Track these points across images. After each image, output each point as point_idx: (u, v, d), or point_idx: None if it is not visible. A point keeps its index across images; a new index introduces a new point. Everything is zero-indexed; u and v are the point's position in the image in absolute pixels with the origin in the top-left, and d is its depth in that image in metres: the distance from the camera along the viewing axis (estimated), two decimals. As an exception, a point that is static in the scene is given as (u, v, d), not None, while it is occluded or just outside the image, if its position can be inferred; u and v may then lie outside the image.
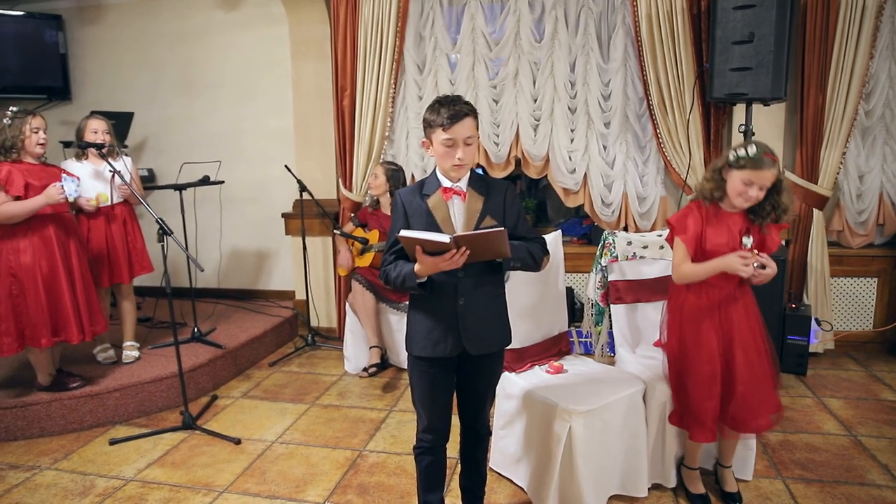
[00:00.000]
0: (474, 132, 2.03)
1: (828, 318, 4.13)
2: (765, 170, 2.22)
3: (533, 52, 4.32)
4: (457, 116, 1.97)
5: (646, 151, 4.31)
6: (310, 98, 4.74)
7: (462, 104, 2.00)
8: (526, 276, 2.61)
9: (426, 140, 2.07)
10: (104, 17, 5.34)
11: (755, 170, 2.23)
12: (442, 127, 1.98)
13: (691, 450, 2.59)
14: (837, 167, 3.99)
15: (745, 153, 2.25)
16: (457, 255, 1.88)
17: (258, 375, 4.17)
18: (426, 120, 2.04)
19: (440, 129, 1.99)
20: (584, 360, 2.92)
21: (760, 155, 2.23)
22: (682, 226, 2.37)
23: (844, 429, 3.19)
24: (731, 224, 2.35)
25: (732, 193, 2.30)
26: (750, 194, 2.26)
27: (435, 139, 2.02)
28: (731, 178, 2.29)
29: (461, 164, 2.01)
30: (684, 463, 2.64)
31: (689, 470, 2.62)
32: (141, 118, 5.16)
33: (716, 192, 2.35)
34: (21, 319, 3.16)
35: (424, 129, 2.06)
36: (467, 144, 2.01)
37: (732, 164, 2.28)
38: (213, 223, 5.10)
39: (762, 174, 2.23)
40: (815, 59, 3.88)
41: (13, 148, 3.14)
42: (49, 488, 2.84)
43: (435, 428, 2.19)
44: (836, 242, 4.28)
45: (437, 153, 2.04)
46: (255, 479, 2.88)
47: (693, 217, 2.37)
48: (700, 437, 2.45)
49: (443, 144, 2.00)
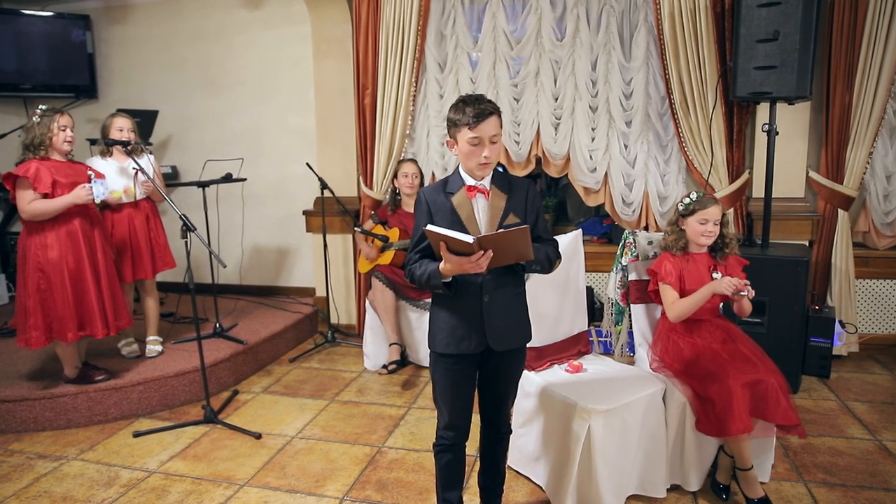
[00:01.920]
0: (499, 130, 2.03)
1: (852, 320, 4.07)
2: (710, 207, 2.64)
3: (554, 51, 4.31)
4: (482, 115, 1.97)
5: (667, 150, 4.28)
6: (331, 96, 4.77)
7: (486, 103, 2.01)
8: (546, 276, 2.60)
9: (451, 139, 2.08)
10: (131, 16, 5.42)
11: (704, 209, 2.64)
12: (468, 126, 1.98)
13: (737, 450, 2.50)
14: (864, 167, 3.93)
15: (689, 200, 2.69)
16: (481, 258, 1.88)
17: (279, 371, 4.22)
18: (451, 119, 2.04)
19: (466, 128, 1.99)
20: (603, 360, 2.91)
21: (702, 196, 2.67)
22: (664, 271, 2.70)
23: (869, 433, 3.15)
24: (701, 264, 2.71)
25: (695, 236, 2.68)
26: (709, 230, 2.65)
27: (460, 138, 2.03)
28: (688, 225, 2.69)
29: (487, 162, 2.02)
30: (736, 466, 2.54)
31: (743, 472, 2.52)
32: (165, 116, 5.24)
33: (680, 242, 2.72)
34: (48, 314, 3.22)
35: (449, 129, 2.07)
36: (493, 143, 2.01)
37: (684, 213, 2.70)
38: (236, 220, 5.16)
39: (710, 211, 2.63)
40: (842, 56, 3.82)
41: (41, 145, 3.20)
42: (76, 478, 2.91)
43: (456, 425, 2.19)
44: (862, 244, 4.22)
45: (462, 152, 2.05)
46: (275, 473, 2.92)
47: (670, 261, 2.72)
48: (736, 428, 2.37)
49: (468, 143, 2.00)
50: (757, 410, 2.42)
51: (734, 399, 2.38)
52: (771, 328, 3.52)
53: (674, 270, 2.68)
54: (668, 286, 2.68)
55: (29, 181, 3.11)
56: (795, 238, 4.03)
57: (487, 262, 1.90)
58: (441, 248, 1.92)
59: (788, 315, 3.52)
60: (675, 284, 2.67)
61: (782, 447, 2.96)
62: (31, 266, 3.19)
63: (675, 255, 2.72)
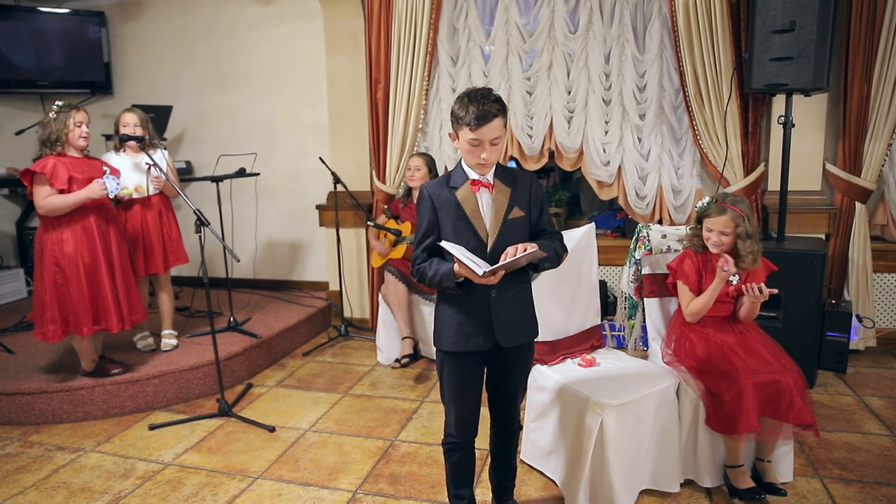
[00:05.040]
0: (502, 132, 2.00)
1: (870, 314, 4.02)
2: (716, 216, 2.58)
3: (567, 44, 4.28)
4: (485, 118, 1.93)
5: (681, 143, 4.24)
6: (344, 91, 4.78)
7: (492, 103, 1.95)
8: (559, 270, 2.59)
9: (453, 133, 2.06)
10: (145, 12, 5.45)
11: (708, 218, 2.61)
12: (469, 127, 1.95)
13: (732, 448, 2.52)
14: (882, 159, 3.87)
15: (701, 205, 2.67)
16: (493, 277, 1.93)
17: (292, 365, 4.24)
18: (454, 114, 2.01)
19: (467, 128, 1.96)
20: (616, 354, 2.90)
21: (711, 205, 2.63)
22: (683, 270, 2.68)
23: (886, 429, 3.11)
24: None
25: (706, 241, 2.64)
26: (713, 240, 2.60)
27: (461, 136, 2.01)
28: (703, 228, 2.65)
29: (485, 163, 2.01)
30: (726, 463, 2.56)
31: (734, 468, 2.53)
32: (179, 111, 5.27)
33: (697, 241, 2.69)
34: (65, 308, 3.26)
35: (452, 123, 2.04)
36: (493, 145, 1.98)
37: (698, 216, 2.69)
38: (249, 214, 5.19)
39: (714, 221, 2.58)
40: (861, 47, 3.76)
41: (58, 141, 3.23)
42: (93, 470, 2.94)
43: (465, 422, 2.19)
44: (880, 237, 4.16)
45: (462, 148, 2.04)
46: (289, 466, 2.94)
47: (689, 260, 2.69)
48: (743, 427, 2.36)
49: (468, 143, 1.99)
50: (769, 410, 2.40)
51: (744, 398, 2.36)
52: (786, 322, 3.49)
53: (693, 270, 2.66)
54: (684, 286, 2.67)
55: (46, 177, 3.15)
56: (812, 231, 3.99)
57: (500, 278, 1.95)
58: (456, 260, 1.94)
59: (804, 309, 3.49)
60: (693, 285, 2.66)
61: (797, 443, 2.93)
62: (47, 261, 3.23)
63: (696, 254, 2.70)
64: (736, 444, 2.50)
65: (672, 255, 2.95)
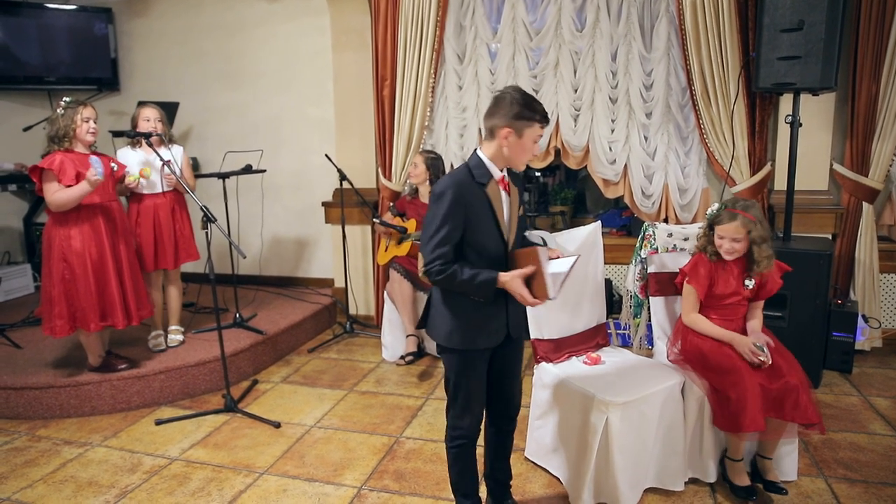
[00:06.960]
0: None
1: (876, 315, 4.01)
2: (725, 223, 2.55)
3: (574, 42, 4.28)
4: (547, 116, 2.07)
5: (688, 142, 4.23)
6: (350, 88, 4.78)
7: None
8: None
9: (511, 130, 2.00)
10: (152, 9, 5.46)
11: (719, 224, 2.57)
12: (540, 123, 2.02)
13: (734, 441, 2.53)
14: (890, 159, 3.85)
15: (711, 212, 2.63)
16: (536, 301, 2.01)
17: (297, 361, 4.26)
18: (522, 113, 1.99)
19: (538, 125, 2.02)
20: (621, 352, 2.90)
21: (720, 211, 2.59)
22: (696, 273, 2.65)
23: (892, 429, 3.10)
24: (732, 272, 2.62)
25: (719, 247, 2.60)
26: (725, 247, 2.57)
27: (529, 132, 2.02)
28: (715, 235, 2.61)
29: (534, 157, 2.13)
30: (727, 455, 2.58)
31: (734, 462, 2.55)
32: (186, 108, 5.28)
33: (709, 247, 2.65)
34: (72, 303, 3.28)
35: (514, 121, 1.99)
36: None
37: (709, 223, 2.64)
38: (255, 211, 5.21)
39: (725, 227, 2.55)
40: (870, 46, 3.74)
41: (65, 137, 3.24)
42: (100, 464, 2.96)
43: (478, 413, 2.21)
44: (887, 237, 4.14)
45: (519, 146, 2.03)
46: (294, 461, 2.95)
47: (703, 265, 2.64)
48: (748, 426, 2.36)
49: (533, 139, 2.04)
50: (774, 409, 2.40)
51: (749, 397, 2.36)
52: (792, 322, 3.48)
53: (705, 278, 2.63)
54: (692, 290, 2.65)
55: (54, 173, 3.16)
56: (818, 231, 3.97)
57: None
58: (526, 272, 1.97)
59: (810, 309, 3.48)
60: (702, 290, 2.63)
61: (802, 442, 2.93)
62: (55, 256, 3.25)
63: (709, 261, 2.65)
64: (739, 439, 2.50)
65: (678, 253, 2.95)
